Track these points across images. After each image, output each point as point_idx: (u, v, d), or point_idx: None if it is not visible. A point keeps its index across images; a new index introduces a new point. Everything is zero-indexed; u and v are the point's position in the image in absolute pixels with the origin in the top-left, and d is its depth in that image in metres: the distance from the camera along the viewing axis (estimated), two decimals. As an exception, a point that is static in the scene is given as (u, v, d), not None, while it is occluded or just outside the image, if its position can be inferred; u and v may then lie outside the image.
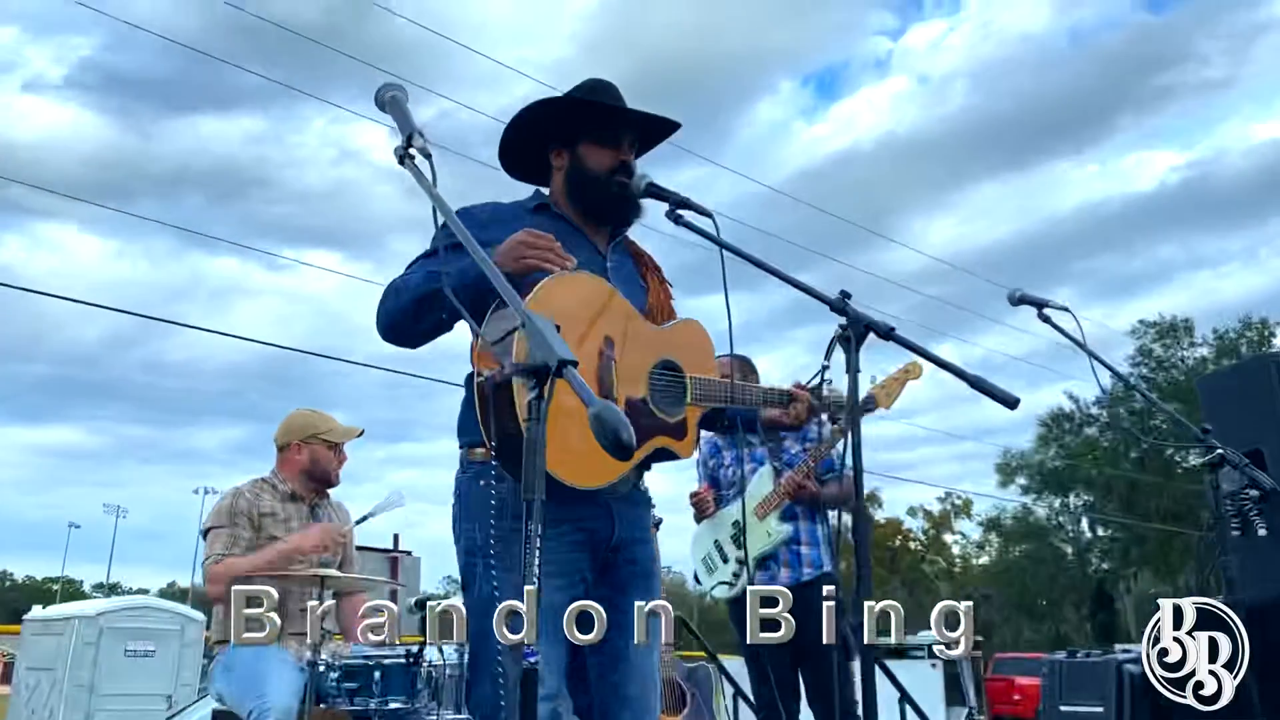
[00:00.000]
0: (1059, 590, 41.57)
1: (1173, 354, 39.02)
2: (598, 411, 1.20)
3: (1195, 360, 38.30)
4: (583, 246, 2.24)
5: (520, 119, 2.29)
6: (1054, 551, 42.50)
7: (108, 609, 12.67)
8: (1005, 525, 44.64)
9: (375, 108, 1.85)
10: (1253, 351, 37.26)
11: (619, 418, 1.19)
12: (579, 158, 2.27)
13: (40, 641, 12.76)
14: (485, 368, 1.90)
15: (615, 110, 2.28)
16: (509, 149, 2.37)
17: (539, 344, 1.29)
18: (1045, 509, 43.01)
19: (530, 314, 1.34)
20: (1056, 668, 4.17)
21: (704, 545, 3.81)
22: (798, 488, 3.59)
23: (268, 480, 3.63)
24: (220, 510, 3.50)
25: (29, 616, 13.86)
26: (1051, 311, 3.06)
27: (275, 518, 3.52)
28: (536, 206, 2.29)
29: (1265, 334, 37.85)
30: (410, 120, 1.81)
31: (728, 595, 3.67)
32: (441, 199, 1.66)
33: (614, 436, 1.18)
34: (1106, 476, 38.36)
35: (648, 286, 2.35)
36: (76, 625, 12.27)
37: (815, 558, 3.65)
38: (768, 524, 3.62)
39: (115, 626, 12.37)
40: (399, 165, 1.77)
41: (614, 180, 2.24)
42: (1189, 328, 39.14)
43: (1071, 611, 42.22)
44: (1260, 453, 3.39)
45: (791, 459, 3.75)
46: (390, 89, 1.86)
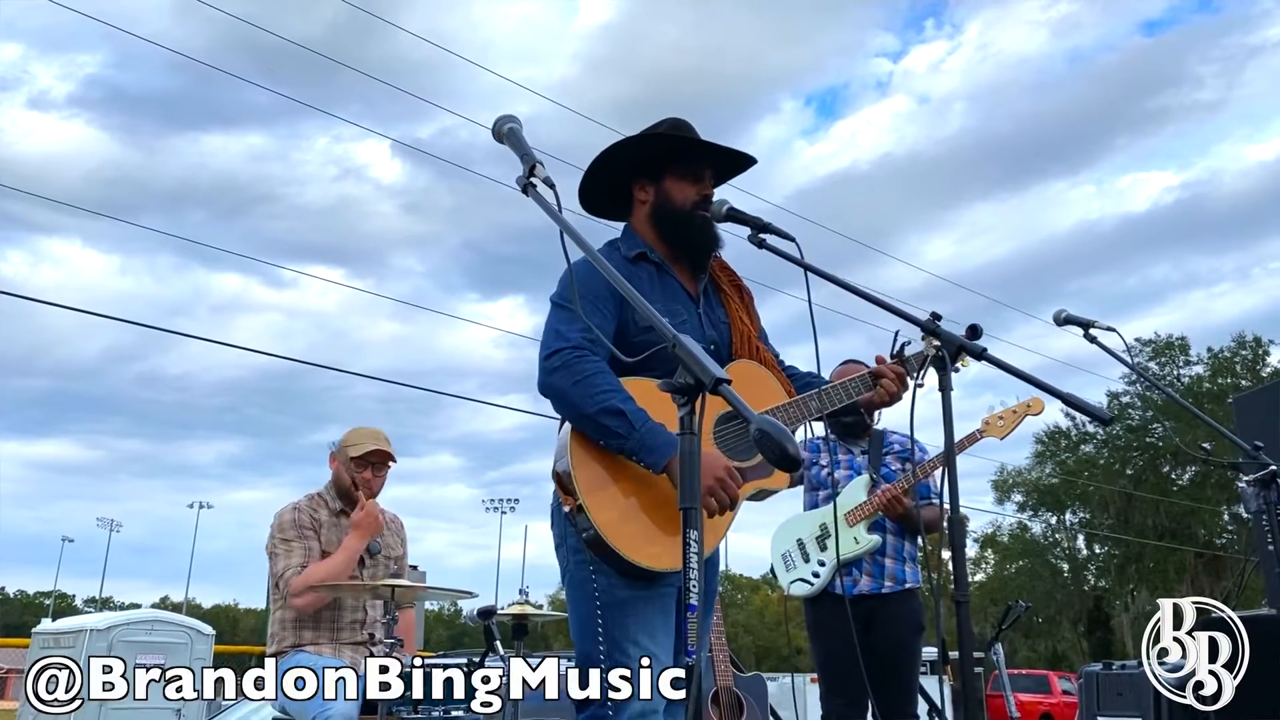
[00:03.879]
0: (1055, 607, 41.55)
1: (1168, 372, 39.19)
2: (760, 427, 1.28)
3: (1191, 378, 38.49)
4: (677, 296, 2.36)
5: (607, 154, 2.38)
6: (1050, 568, 42.51)
7: (118, 622, 12.69)
8: (1002, 542, 44.65)
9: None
10: (1247, 369, 37.46)
11: (783, 432, 1.28)
12: (664, 192, 2.38)
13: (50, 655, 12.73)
14: (566, 503, 2.15)
15: (699, 145, 2.39)
16: (592, 184, 2.44)
17: (694, 364, 1.38)
18: (1041, 526, 43.11)
19: (680, 336, 1.43)
20: (1094, 679, 4.23)
21: (785, 542, 3.82)
22: (893, 501, 3.61)
23: (321, 495, 3.70)
24: (284, 525, 3.55)
25: (39, 630, 13.84)
26: (1097, 331, 3.17)
27: (324, 530, 3.59)
28: (635, 256, 2.38)
29: (1259, 353, 38.09)
30: (530, 151, 1.88)
31: (805, 593, 3.71)
32: (571, 226, 1.75)
33: (780, 450, 1.26)
34: (1103, 493, 38.46)
35: (729, 322, 2.45)
36: (87, 638, 12.29)
37: (899, 572, 3.68)
38: (856, 531, 3.64)
39: (126, 640, 12.39)
40: (523, 194, 1.85)
41: (695, 214, 2.35)
42: (1184, 346, 39.43)
43: (1069, 629, 42.20)
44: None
45: (890, 475, 3.78)
46: (507, 121, 1.94)
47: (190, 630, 13.20)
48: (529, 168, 1.85)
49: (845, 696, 3.58)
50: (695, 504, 1.35)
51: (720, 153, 2.39)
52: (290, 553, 3.49)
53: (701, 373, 1.38)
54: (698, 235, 2.37)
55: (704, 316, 2.40)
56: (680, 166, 2.38)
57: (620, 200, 2.47)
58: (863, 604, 3.61)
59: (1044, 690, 23.44)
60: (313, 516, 3.58)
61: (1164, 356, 39.27)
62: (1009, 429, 3.47)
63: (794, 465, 1.26)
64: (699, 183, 2.38)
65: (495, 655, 3.22)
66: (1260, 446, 2.90)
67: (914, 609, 3.67)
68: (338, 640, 3.48)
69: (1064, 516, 42.46)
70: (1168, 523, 37.23)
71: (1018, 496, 42.23)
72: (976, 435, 3.57)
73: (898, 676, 3.57)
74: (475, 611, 3.39)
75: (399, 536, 3.85)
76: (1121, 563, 39.14)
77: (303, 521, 3.55)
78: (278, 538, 3.53)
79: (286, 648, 3.45)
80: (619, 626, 2.11)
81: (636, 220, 2.44)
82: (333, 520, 3.62)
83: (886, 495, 3.61)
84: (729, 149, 2.39)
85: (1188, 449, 4.33)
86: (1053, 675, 25.47)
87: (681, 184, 2.37)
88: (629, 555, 2.04)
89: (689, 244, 2.39)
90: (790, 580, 3.74)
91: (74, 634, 12.56)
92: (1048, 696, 23.13)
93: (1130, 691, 3.99)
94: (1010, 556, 44.49)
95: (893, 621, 3.58)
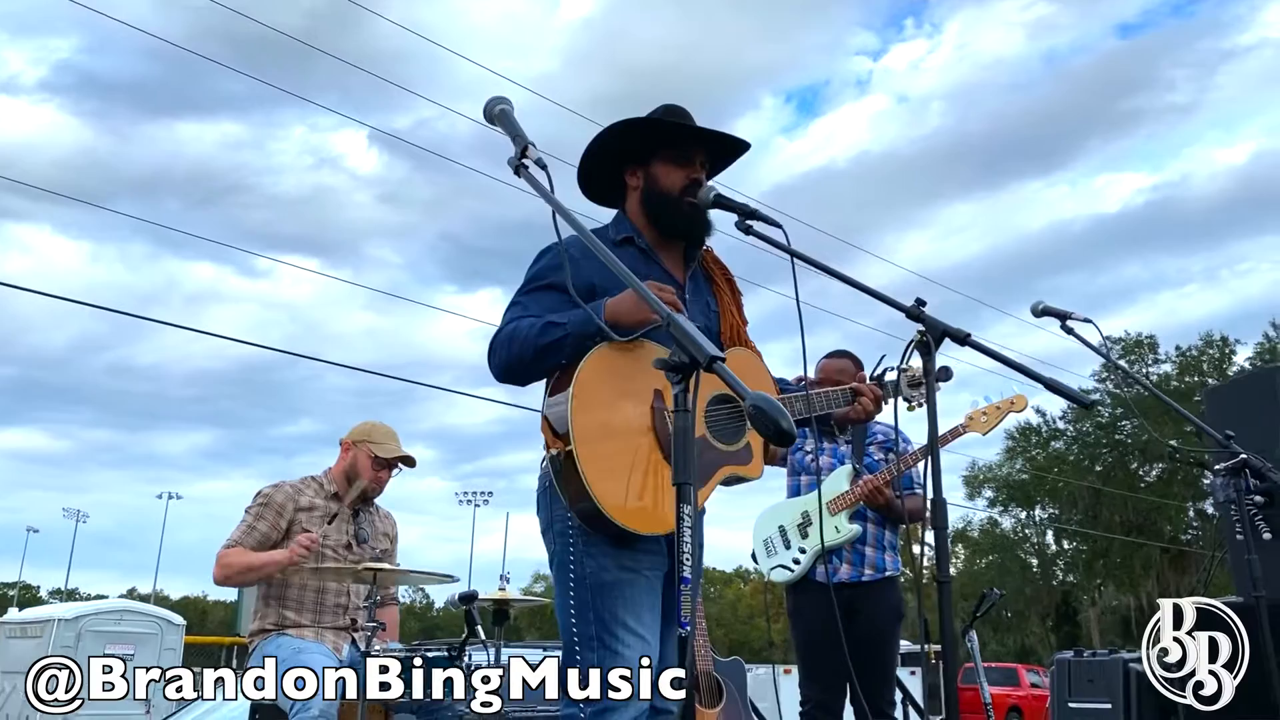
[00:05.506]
0: (1024, 602, 42.04)
1: (1137, 370, 39.74)
2: (754, 403, 1.30)
3: (1159, 376, 39.06)
4: (662, 281, 2.33)
5: (598, 140, 2.39)
6: (1020, 563, 43.01)
7: (86, 612, 12.56)
8: (972, 537, 45.12)
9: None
10: (1214, 368, 38.05)
11: (777, 407, 1.30)
12: (653, 177, 2.37)
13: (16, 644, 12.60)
14: (554, 446, 2.12)
15: (686, 129, 2.38)
16: (588, 170, 2.45)
17: (688, 342, 1.40)
18: (1011, 521, 43.60)
19: (674, 315, 1.45)
20: (1065, 666, 4.31)
21: (767, 528, 3.86)
22: (874, 492, 3.65)
23: (317, 478, 3.72)
24: (256, 498, 3.61)
25: (5, 619, 13.67)
26: (1074, 323, 3.22)
27: (312, 513, 3.59)
28: (621, 240, 2.39)
29: (1226, 352, 38.72)
30: (522, 132, 1.89)
31: (785, 579, 3.75)
32: (563, 206, 1.76)
33: (775, 425, 1.29)
34: (1071, 489, 38.96)
35: (719, 311, 2.46)
36: (55, 628, 12.15)
37: (879, 561, 3.71)
38: (837, 520, 3.68)
39: (95, 629, 12.28)
40: (515, 175, 1.86)
41: (684, 200, 2.35)
42: (1153, 345, 40.06)
43: (1037, 623, 42.73)
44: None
45: (873, 464, 3.82)
46: (499, 102, 1.95)
47: (160, 620, 13.09)
48: (520, 149, 1.86)
49: (823, 683, 3.62)
50: (690, 479, 1.37)
51: (706, 136, 2.38)
52: (240, 524, 3.57)
53: (696, 350, 1.40)
54: (684, 220, 2.37)
55: (690, 302, 2.39)
56: (669, 151, 2.37)
57: (615, 186, 2.48)
58: (843, 592, 3.65)
59: (1013, 683, 23.68)
60: (290, 498, 3.59)
61: (1133, 355, 39.84)
62: (992, 425, 3.51)
63: (789, 439, 1.29)
64: (688, 167, 2.37)
65: (476, 640, 3.22)
66: (1231, 435, 2.97)
67: (894, 597, 3.71)
68: (320, 623, 3.49)
69: (1033, 512, 43.01)
70: (1135, 518, 37.78)
71: (988, 492, 42.76)
72: (960, 430, 3.62)
73: (877, 664, 3.61)
74: (457, 596, 3.40)
75: (389, 533, 3.87)
76: (1089, 558, 39.70)
77: (271, 499, 3.59)
78: (246, 507, 3.60)
79: (269, 626, 3.47)
80: (608, 609, 2.11)
81: (629, 206, 2.45)
82: (324, 503, 3.63)
83: (868, 485, 3.65)
84: (715, 132, 2.38)
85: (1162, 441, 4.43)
86: (1021, 668, 25.75)
87: (669, 169, 2.36)
88: (611, 513, 2.04)
89: (676, 228, 2.39)
90: (770, 566, 3.78)
91: (41, 624, 12.42)
92: (1016, 689, 23.38)
93: (1100, 678, 4.06)
94: (980, 551, 44.97)
95: (873, 610, 3.63)
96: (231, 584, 3.63)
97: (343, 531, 3.64)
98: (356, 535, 3.66)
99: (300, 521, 3.57)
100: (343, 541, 3.63)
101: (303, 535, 3.49)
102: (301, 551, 3.44)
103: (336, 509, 3.63)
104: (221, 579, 3.52)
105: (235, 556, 3.49)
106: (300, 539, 3.47)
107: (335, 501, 3.66)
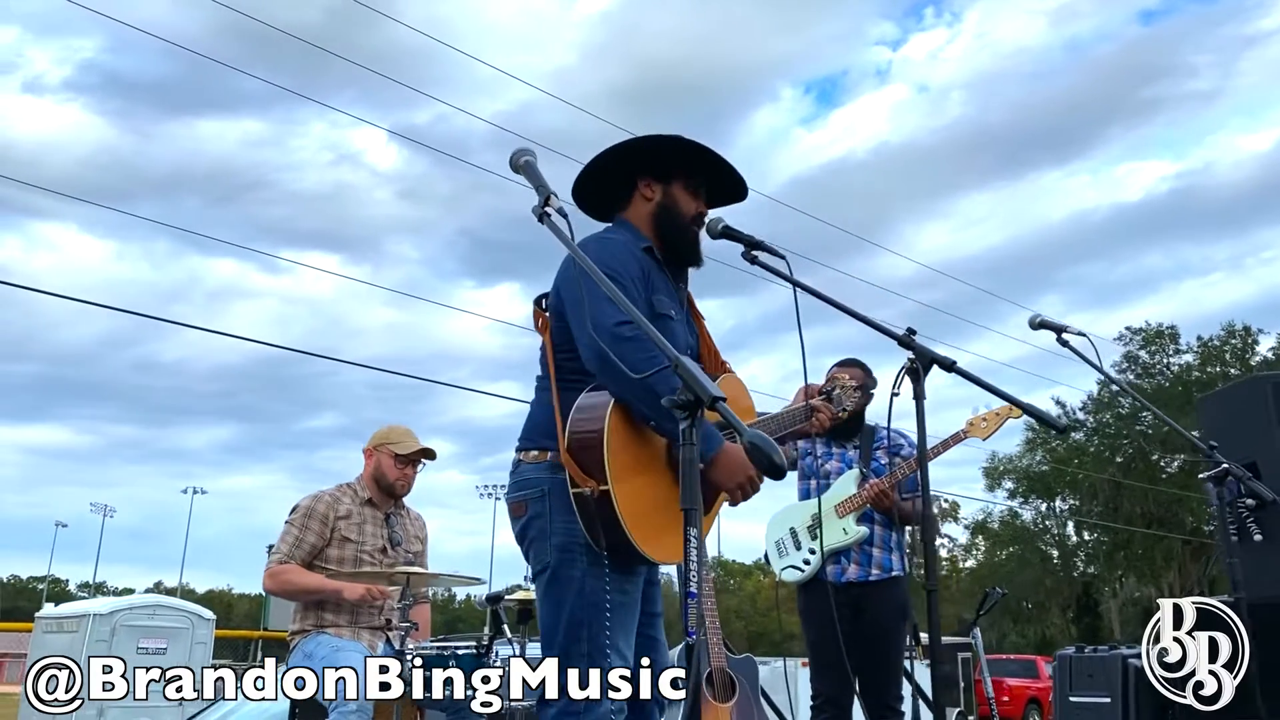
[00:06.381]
0: (1044, 593, 41.96)
1: (1158, 360, 39.57)
2: (751, 440, 1.49)
3: (1180, 367, 38.87)
4: (673, 296, 2.48)
5: (622, 147, 2.46)
6: (1040, 554, 42.93)
7: (121, 607, 12.86)
8: (992, 528, 45.08)
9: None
10: (1236, 358, 37.82)
11: (771, 445, 1.48)
12: (672, 197, 2.48)
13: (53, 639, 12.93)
14: (585, 485, 2.12)
15: (716, 162, 2.49)
16: (593, 174, 2.50)
17: (694, 383, 1.58)
18: (1031, 513, 43.52)
19: (680, 357, 1.63)
20: (1066, 661, 4.48)
21: (779, 530, 4.06)
22: (881, 495, 3.83)
23: (351, 485, 3.92)
24: (296, 509, 3.78)
25: (42, 614, 14.01)
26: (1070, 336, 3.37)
27: (350, 521, 3.79)
28: (645, 249, 2.44)
29: (1249, 341, 38.44)
30: (545, 183, 2.07)
31: (796, 579, 3.96)
32: (584, 256, 1.93)
33: (769, 461, 1.47)
34: (1092, 481, 38.84)
35: (700, 337, 2.59)
36: (90, 623, 12.46)
37: (885, 561, 3.91)
38: (845, 522, 3.88)
39: (129, 624, 12.56)
40: (539, 222, 2.04)
41: (692, 228, 2.49)
42: (1174, 335, 39.76)
43: (1058, 615, 42.65)
44: (1255, 465, 3.68)
45: (879, 468, 4.01)
46: (523, 154, 2.12)
47: (192, 615, 13.36)
48: (544, 198, 2.03)
49: (834, 678, 3.80)
50: (695, 504, 1.55)
51: (732, 179, 2.52)
52: (285, 537, 3.73)
53: (701, 391, 1.58)
54: (689, 248, 2.50)
55: (684, 323, 2.51)
56: (688, 178, 2.49)
57: (615, 192, 2.53)
58: (851, 591, 3.85)
59: (1032, 675, 23.72)
60: (330, 506, 3.77)
61: (1154, 345, 39.63)
62: (991, 430, 3.72)
63: (780, 474, 1.47)
64: (699, 199, 2.50)
65: (503, 638, 3.44)
66: (1215, 446, 3.11)
67: (900, 596, 3.88)
68: (357, 623, 3.69)
69: (1054, 504, 42.91)
70: (1156, 510, 37.62)
71: (1008, 484, 42.66)
72: (961, 435, 3.82)
73: (884, 660, 3.80)
74: (485, 597, 3.61)
75: (420, 536, 4.06)
76: (1110, 549, 39.57)
77: (315, 510, 3.75)
78: (288, 519, 3.77)
79: (309, 627, 3.67)
80: (601, 631, 2.17)
81: (635, 215, 2.50)
82: (359, 510, 3.82)
83: (874, 489, 3.83)
84: (738, 178, 2.52)
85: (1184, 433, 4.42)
86: (1040, 660, 25.77)
87: (686, 195, 2.48)
88: (643, 547, 2.11)
89: (679, 253, 2.50)
90: (782, 567, 3.98)
91: (77, 619, 12.72)
92: (1035, 681, 23.41)
93: (1100, 673, 4.22)
94: (1000, 543, 44.93)
95: (879, 608, 3.82)
96: (284, 597, 3.80)
97: (378, 536, 3.83)
98: (390, 539, 3.86)
99: (340, 529, 3.75)
100: (378, 546, 3.82)
101: (376, 587, 3.60)
102: (378, 594, 3.60)
103: (370, 515, 3.83)
104: (276, 592, 3.69)
105: (296, 576, 3.63)
106: (373, 589, 3.60)
107: (370, 507, 3.86)
